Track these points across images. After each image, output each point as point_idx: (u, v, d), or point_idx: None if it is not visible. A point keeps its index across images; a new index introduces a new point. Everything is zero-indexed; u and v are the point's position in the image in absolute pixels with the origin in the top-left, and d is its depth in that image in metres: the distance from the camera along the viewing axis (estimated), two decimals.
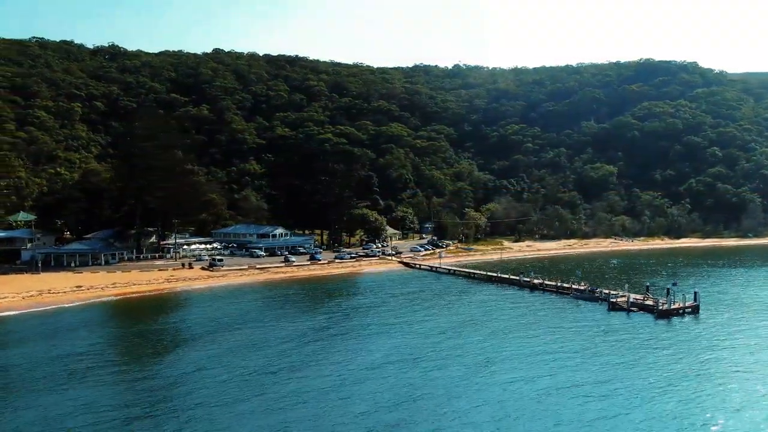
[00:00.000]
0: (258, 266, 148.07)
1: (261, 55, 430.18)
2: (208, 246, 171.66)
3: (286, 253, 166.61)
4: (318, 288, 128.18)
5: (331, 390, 60.49)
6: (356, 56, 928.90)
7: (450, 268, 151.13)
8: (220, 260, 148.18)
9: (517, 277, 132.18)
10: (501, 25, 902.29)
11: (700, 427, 52.74)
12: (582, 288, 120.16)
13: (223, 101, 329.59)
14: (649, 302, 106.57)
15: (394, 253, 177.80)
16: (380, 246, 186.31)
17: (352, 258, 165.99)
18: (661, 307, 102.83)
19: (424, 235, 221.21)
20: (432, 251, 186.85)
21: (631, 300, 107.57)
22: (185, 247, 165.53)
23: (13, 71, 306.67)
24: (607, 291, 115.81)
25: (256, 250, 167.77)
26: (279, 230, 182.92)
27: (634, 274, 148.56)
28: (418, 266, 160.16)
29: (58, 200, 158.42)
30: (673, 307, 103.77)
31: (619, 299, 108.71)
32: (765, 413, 55.25)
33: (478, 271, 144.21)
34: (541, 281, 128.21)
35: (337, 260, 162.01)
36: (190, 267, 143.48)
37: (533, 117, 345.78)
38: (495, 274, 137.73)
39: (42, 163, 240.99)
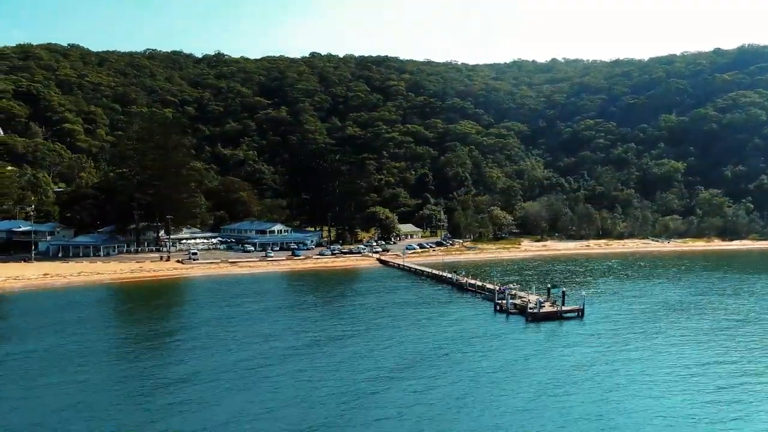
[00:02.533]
0: (230, 261, 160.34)
1: (356, 56, 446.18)
2: (205, 241, 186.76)
3: (277, 248, 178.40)
4: (256, 281, 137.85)
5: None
6: (461, 55, 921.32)
7: (412, 266, 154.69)
8: (194, 254, 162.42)
9: (452, 276, 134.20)
10: (606, 16, 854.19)
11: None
12: (493, 288, 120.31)
13: (301, 103, 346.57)
14: (534, 305, 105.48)
15: (381, 250, 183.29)
16: (367, 244, 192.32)
17: (333, 254, 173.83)
18: (531, 310, 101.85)
19: (448, 233, 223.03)
20: (427, 249, 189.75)
21: (511, 303, 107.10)
22: (184, 241, 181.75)
23: (118, 81, 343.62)
24: (515, 293, 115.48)
25: (248, 245, 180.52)
26: (277, 226, 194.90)
27: (599, 276, 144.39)
28: (390, 264, 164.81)
29: (72, 197, 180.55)
30: (544, 311, 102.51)
31: (503, 301, 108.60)
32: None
33: (427, 269, 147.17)
34: (466, 280, 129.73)
35: (315, 256, 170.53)
36: (168, 260, 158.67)
37: (612, 111, 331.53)
38: (438, 273, 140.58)
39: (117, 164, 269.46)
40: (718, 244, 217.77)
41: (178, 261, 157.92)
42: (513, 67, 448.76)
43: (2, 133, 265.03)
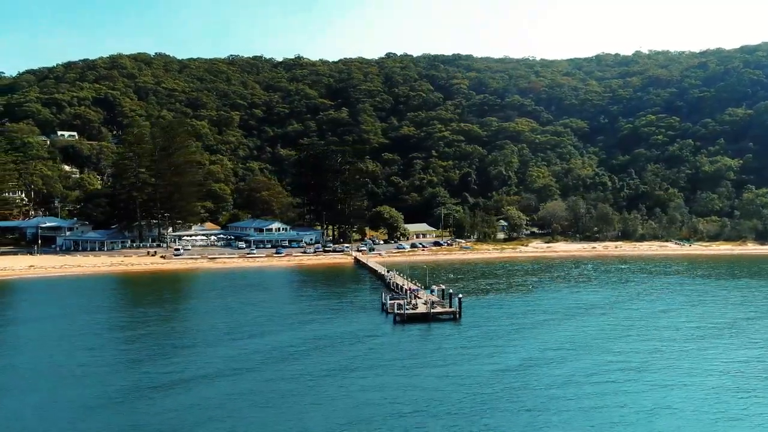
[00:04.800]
0: (209, 257, 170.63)
1: (431, 55, 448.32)
2: (204, 238, 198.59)
3: (269, 245, 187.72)
4: (212, 276, 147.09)
5: None
6: (541, 51, 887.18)
7: (371, 265, 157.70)
8: (177, 250, 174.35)
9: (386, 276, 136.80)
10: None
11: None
12: (406, 289, 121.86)
13: (362, 104, 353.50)
14: (414, 307, 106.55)
15: (366, 249, 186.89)
16: (365, 243, 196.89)
17: (315, 253, 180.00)
18: (398, 311, 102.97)
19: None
20: (417, 249, 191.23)
21: (390, 303, 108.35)
22: (186, 238, 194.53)
23: (193, 86, 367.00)
24: (421, 294, 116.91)
25: (242, 243, 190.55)
26: (275, 225, 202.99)
27: (546, 277, 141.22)
28: (361, 262, 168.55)
29: (87, 196, 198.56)
30: (413, 312, 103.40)
31: (389, 302, 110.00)
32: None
33: (380, 268, 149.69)
34: (393, 281, 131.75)
35: (296, 254, 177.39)
36: (154, 255, 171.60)
37: (679, 105, 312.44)
38: (380, 272, 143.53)
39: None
40: (747, 248, 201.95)
41: (162, 257, 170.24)
42: (593, 61, 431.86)
43: (76, 136, 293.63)
